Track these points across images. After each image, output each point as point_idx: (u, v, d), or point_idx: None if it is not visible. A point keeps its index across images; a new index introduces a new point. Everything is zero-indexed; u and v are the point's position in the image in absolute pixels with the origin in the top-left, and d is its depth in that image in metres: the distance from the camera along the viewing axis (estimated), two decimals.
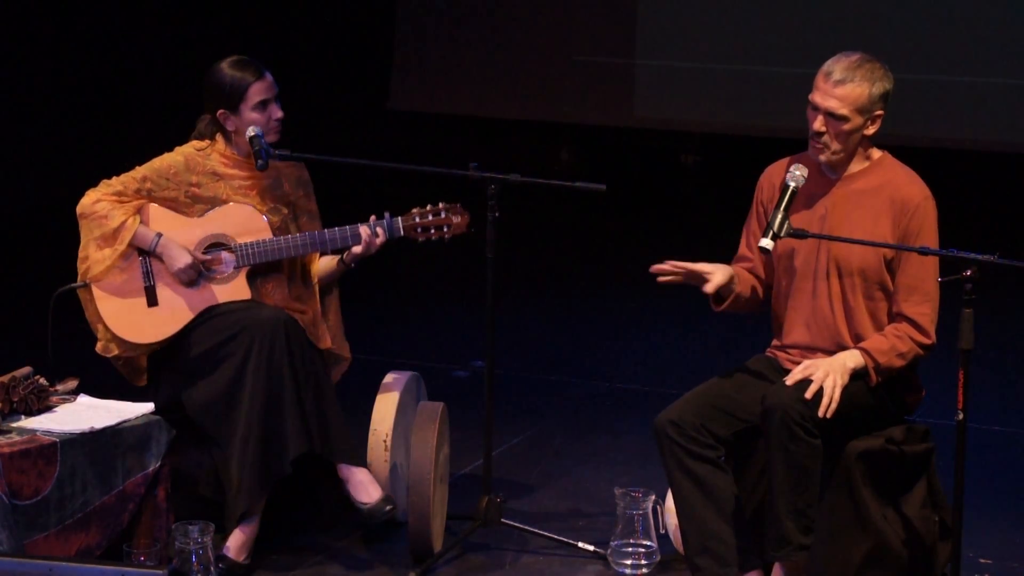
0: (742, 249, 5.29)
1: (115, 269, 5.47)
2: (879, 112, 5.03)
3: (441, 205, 5.54)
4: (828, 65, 5.02)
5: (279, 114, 5.55)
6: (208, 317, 5.44)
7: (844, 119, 4.99)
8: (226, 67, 5.54)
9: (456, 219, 5.55)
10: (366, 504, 5.34)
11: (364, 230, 5.48)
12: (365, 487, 5.35)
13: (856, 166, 5.11)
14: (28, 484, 4.87)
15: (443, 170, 5.56)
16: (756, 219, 5.24)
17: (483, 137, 11.74)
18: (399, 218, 5.53)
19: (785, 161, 5.21)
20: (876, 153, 5.14)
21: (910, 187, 5.07)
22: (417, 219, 5.53)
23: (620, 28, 11.48)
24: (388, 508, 5.34)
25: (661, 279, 5.11)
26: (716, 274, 5.09)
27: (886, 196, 5.05)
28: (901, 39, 10.64)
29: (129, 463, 5.14)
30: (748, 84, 11.16)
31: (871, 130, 5.05)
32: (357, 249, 5.51)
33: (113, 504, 5.10)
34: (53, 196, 5.73)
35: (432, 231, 5.53)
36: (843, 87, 4.97)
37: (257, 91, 5.50)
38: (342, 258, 5.60)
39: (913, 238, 5.02)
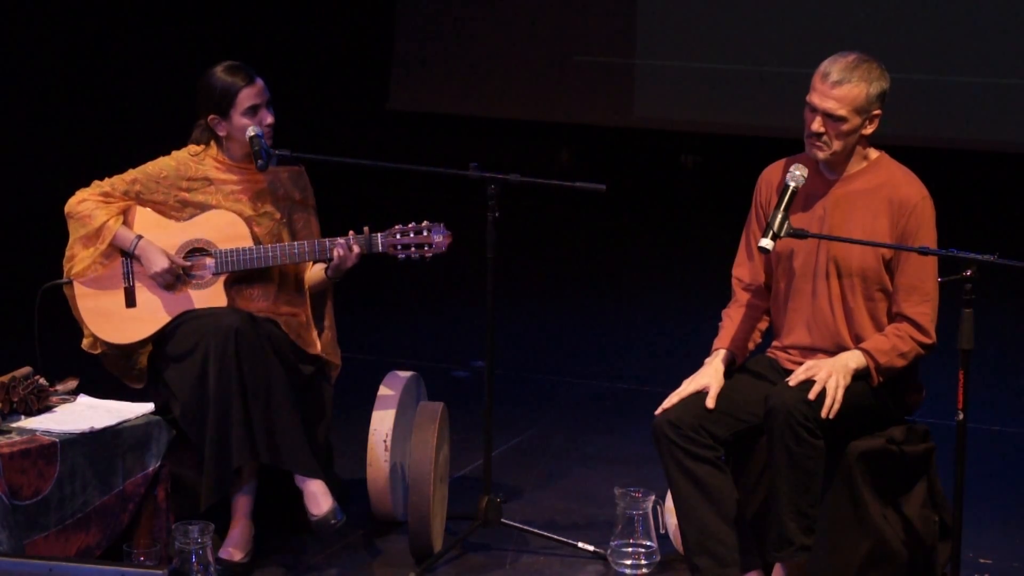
0: (741, 254, 5.28)
1: (97, 267, 5.48)
2: (877, 112, 5.03)
3: (424, 224, 5.53)
4: (825, 66, 5.02)
5: (269, 120, 5.53)
6: (181, 322, 5.44)
7: (843, 119, 4.98)
8: (218, 72, 5.54)
9: (438, 239, 5.52)
10: (315, 516, 5.32)
11: (341, 243, 5.48)
12: (316, 498, 5.33)
13: (854, 166, 5.11)
14: (28, 484, 4.87)
15: (443, 170, 5.56)
16: (756, 221, 5.23)
17: (483, 137, 11.74)
18: (378, 234, 5.52)
19: (782, 163, 5.21)
20: (874, 153, 5.13)
21: (908, 187, 5.07)
22: (398, 236, 5.51)
23: (620, 28, 11.48)
24: (333, 522, 5.32)
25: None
26: (712, 386, 5.07)
27: (884, 196, 5.05)
28: (901, 39, 10.64)
29: (129, 463, 5.14)
30: (748, 84, 11.16)
31: (869, 130, 5.05)
32: (333, 262, 5.50)
33: (113, 504, 5.10)
34: (56, 197, 5.72)
35: (412, 249, 5.50)
36: (841, 88, 4.97)
37: (247, 96, 5.49)
38: (326, 270, 5.60)
39: (911, 238, 5.01)
